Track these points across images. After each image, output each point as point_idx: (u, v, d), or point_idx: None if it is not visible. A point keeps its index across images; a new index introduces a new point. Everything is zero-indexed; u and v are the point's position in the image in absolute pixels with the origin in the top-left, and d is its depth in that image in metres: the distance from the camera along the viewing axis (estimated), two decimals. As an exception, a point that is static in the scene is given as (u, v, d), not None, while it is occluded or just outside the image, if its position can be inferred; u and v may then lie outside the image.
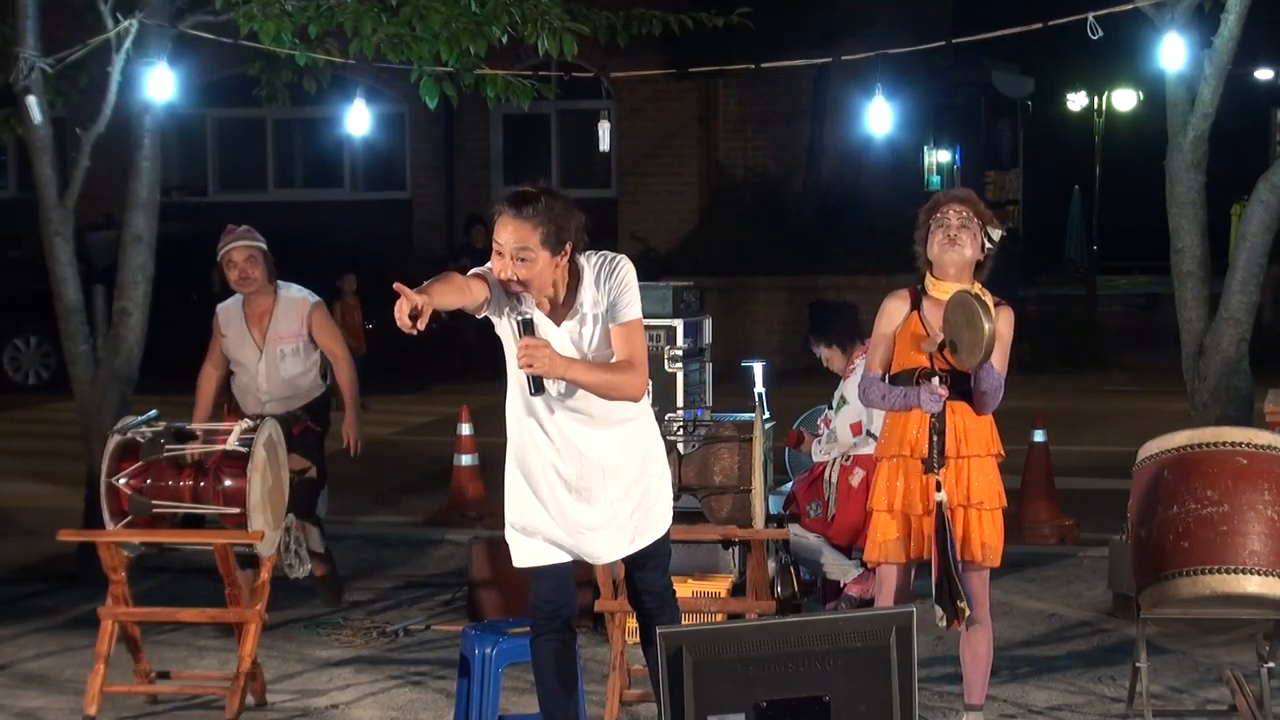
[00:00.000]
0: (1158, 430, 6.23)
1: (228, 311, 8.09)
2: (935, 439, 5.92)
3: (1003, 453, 6.12)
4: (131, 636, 6.81)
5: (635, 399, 5.34)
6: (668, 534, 5.59)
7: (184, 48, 9.43)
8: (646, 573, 5.57)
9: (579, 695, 5.67)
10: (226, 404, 8.13)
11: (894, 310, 6.08)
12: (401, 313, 4.97)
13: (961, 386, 5.95)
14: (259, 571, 6.84)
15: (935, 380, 5.90)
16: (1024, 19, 8.93)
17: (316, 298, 8.21)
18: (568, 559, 5.50)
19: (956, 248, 6.00)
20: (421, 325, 5.00)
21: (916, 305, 6.05)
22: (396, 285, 5.00)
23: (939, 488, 5.92)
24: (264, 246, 8.04)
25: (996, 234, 6.07)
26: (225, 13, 8.61)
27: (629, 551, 5.50)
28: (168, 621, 7.45)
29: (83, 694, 6.67)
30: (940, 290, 6.03)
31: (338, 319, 16.75)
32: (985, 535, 5.99)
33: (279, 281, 8.09)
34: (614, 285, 5.37)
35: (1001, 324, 5.95)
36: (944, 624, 6.01)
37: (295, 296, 8.10)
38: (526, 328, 5.19)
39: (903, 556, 6.02)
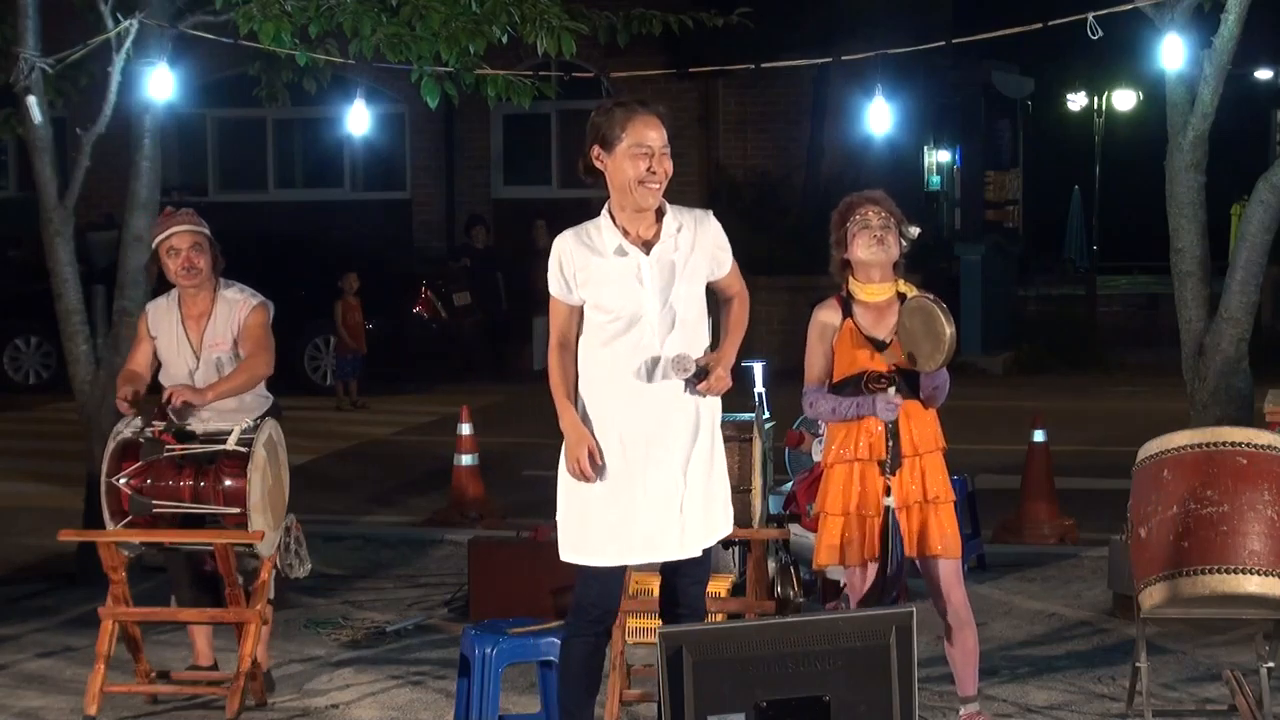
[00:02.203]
0: (1158, 430, 6.23)
1: (159, 310, 6.95)
2: (891, 442, 5.96)
3: (945, 445, 6.14)
4: (132, 636, 6.81)
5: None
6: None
7: (184, 48, 9.43)
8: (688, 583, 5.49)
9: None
10: (156, 411, 6.82)
11: (825, 320, 6.13)
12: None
13: (910, 383, 5.98)
14: (258, 572, 6.84)
15: (892, 390, 5.93)
16: (1024, 19, 8.93)
17: (261, 298, 6.96)
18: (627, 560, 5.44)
19: (883, 248, 6.03)
20: None
21: (848, 312, 6.09)
22: None
23: (888, 492, 5.95)
24: (209, 233, 6.90)
25: (914, 231, 6.10)
26: (225, 13, 8.61)
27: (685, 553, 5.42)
28: (168, 621, 7.45)
29: (83, 694, 6.67)
30: (868, 293, 6.08)
31: (339, 318, 16.83)
32: (944, 527, 6.03)
33: (222, 279, 6.96)
34: (711, 234, 5.43)
35: None
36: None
37: (237, 297, 6.92)
38: (700, 376, 5.28)
39: (859, 559, 6.04)
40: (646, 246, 5.33)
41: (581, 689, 5.47)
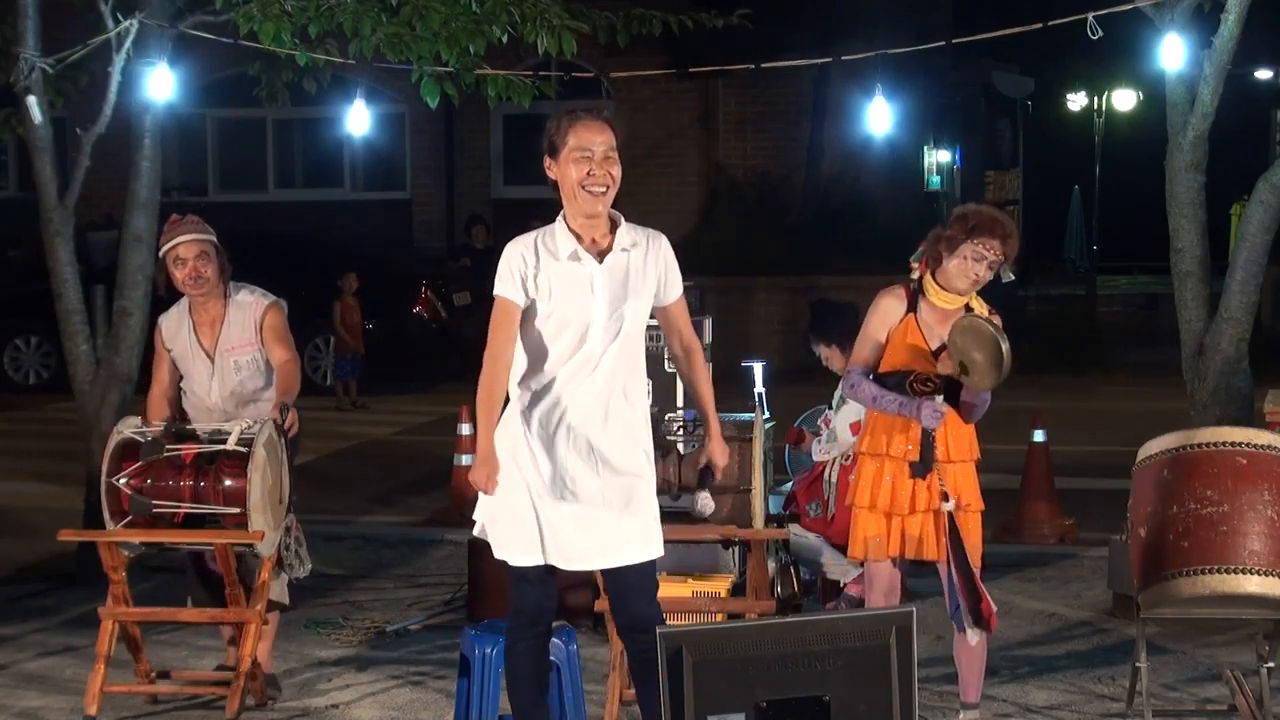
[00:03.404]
0: (1157, 430, 6.23)
1: (170, 321, 6.94)
2: (927, 446, 5.95)
3: (980, 456, 6.14)
4: (132, 636, 6.81)
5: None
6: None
7: (184, 48, 9.43)
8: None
9: (578, 692, 5.65)
10: (177, 418, 6.96)
11: (890, 309, 6.07)
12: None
13: (950, 394, 5.97)
14: (259, 572, 6.83)
15: (940, 398, 5.90)
16: (1024, 19, 8.93)
17: (274, 298, 6.97)
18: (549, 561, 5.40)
19: (975, 284, 6.02)
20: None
21: (913, 306, 6.05)
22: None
23: (945, 498, 5.94)
24: (216, 240, 6.87)
25: (1009, 277, 6.04)
26: (225, 13, 8.61)
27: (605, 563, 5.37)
28: (168, 621, 7.45)
29: (83, 694, 6.67)
30: (942, 299, 6.04)
31: (338, 319, 16.83)
32: (970, 536, 6.05)
33: (231, 283, 6.96)
34: (663, 256, 5.40)
35: None
36: (975, 639, 6.04)
37: (248, 299, 6.91)
38: (704, 480, 5.48)
39: (885, 553, 6.05)
40: (600, 255, 5.32)
41: (533, 688, 5.47)
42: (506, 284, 5.32)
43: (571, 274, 5.29)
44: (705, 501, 5.71)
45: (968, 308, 6.06)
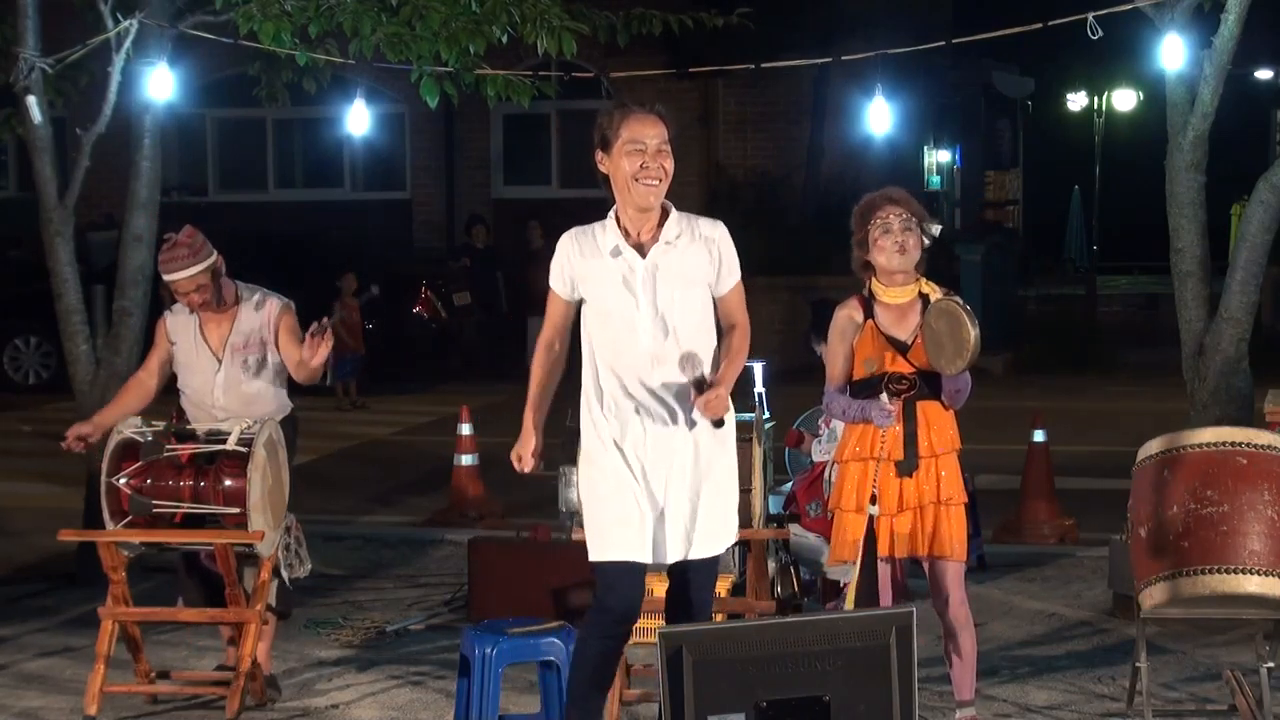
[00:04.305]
0: (1157, 430, 6.23)
1: (179, 317, 6.96)
2: (910, 443, 5.95)
3: (960, 446, 6.13)
4: (132, 636, 6.81)
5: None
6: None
7: (184, 48, 9.43)
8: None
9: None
10: (175, 417, 6.99)
11: (846, 323, 6.11)
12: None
13: (931, 384, 5.97)
14: (258, 571, 6.83)
15: (884, 398, 5.91)
16: (1024, 19, 8.93)
17: (285, 300, 7.04)
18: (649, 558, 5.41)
19: (904, 255, 5.99)
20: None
21: (870, 314, 6.07)
22: None
23: (874, 501, 5.94)
24: (211, 263, 6.79)
25: (935, 228, 6.03)
26: (225, 13, 8.61)
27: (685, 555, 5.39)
28: (168, 621, 7.45)
29: (83, 694, 6.66)
30: (890, 295, 6.06)
31: (336, 319, 16.83)
32: (954, 530, 6.04)
33: (240, 284, 6.99)
34: (719, 244, 5.40)
35: None
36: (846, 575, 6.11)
37: (261, 301, 6.96)
38: (700, 387, 5.25)
39: (886, 553, 6.04)
40: (642, 249, 5.33)
41: (594, 685, 5.45)
42: (554, 277, 5.44)
43: (612, 269, 5.32)
44: (691, 363, 5.46)
45: (923, 296, 6.02)
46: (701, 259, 5.39)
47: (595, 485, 5.40)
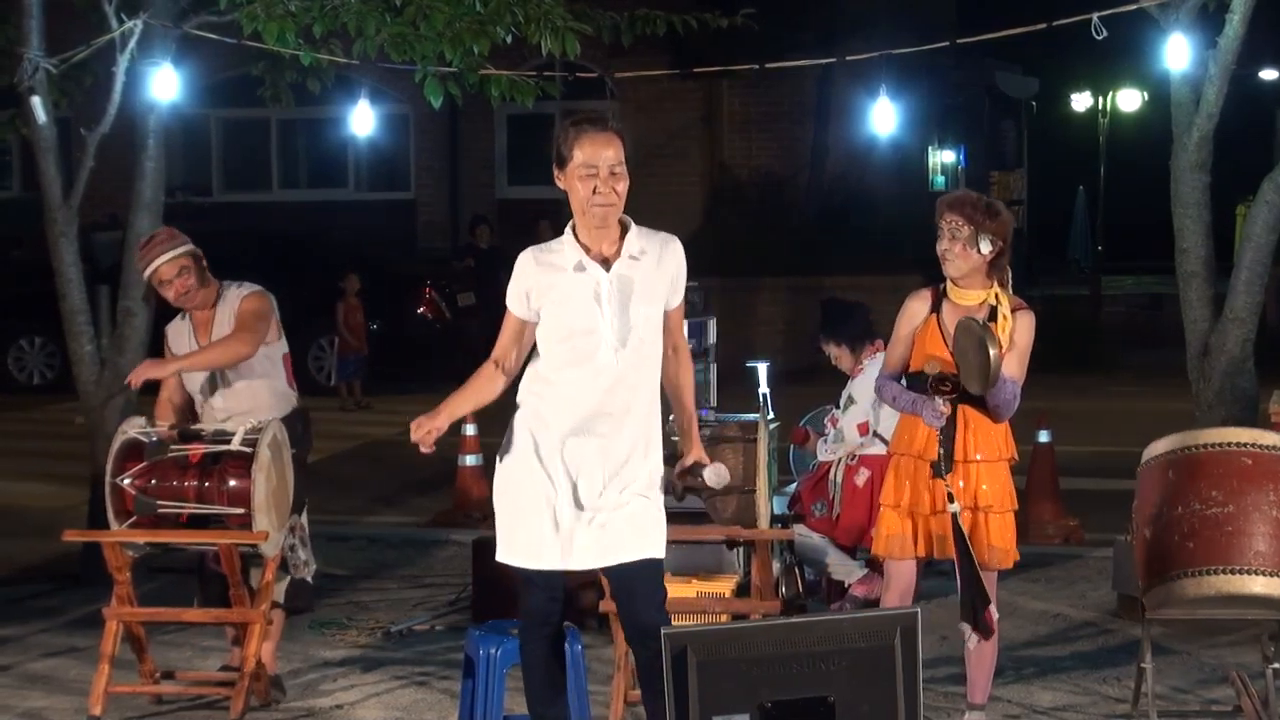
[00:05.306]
0: (1162, 431, 6.22)
1: (175, 329, 7.04)
2: (943, 445, 5.92)
3: (1015, 456, 6.11)
4: (136, 637, 6.81)
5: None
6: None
7: (188, 48, 9.43)
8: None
9: (568, 695, 5.64)
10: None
11: (914, 311, 6.08)
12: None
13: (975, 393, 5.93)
14: (263, 571, 6.83)
15: (939, 400, 5.89)
16: (1028, 19, 8.93)
17: (257, 287, 6.97)
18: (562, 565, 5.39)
19: (950, 262, 5.99)
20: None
21: (936, 307, 6.04)
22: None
23: (951, 499, 5.91)
24: (191, 248, 6.87)
25: (985, 244, 5.96)
26: (229, 13, 8.61)
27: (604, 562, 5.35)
28: (172, 622, 7.45)
29: (88, 694, 6.66)
30: (959, 296, 6.03)
31: (341, 319, 16.84)
32: (993, 539, 6.01)
33: (222, 281, 6.97)
34: (674, 261, 5.38)
35: (1021, 330, 5.95)
36: (972, 642, 6.02)
37: (235, 294, 6.93)
38: (696, 472, 5.41)
39: (909, 553, 6.03)
40: (606, 264, 5.32)
41: (548, 688, 5.49)
42: (512, 298, 5.42)
43: (578, 284, 5.30)
44: (716, 473, 5.55)
45: (991, 306, 5.99)
46: (662, 275, 5.38)
47: (518, 489, 5.35)
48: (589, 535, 5.29)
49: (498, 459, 5.45)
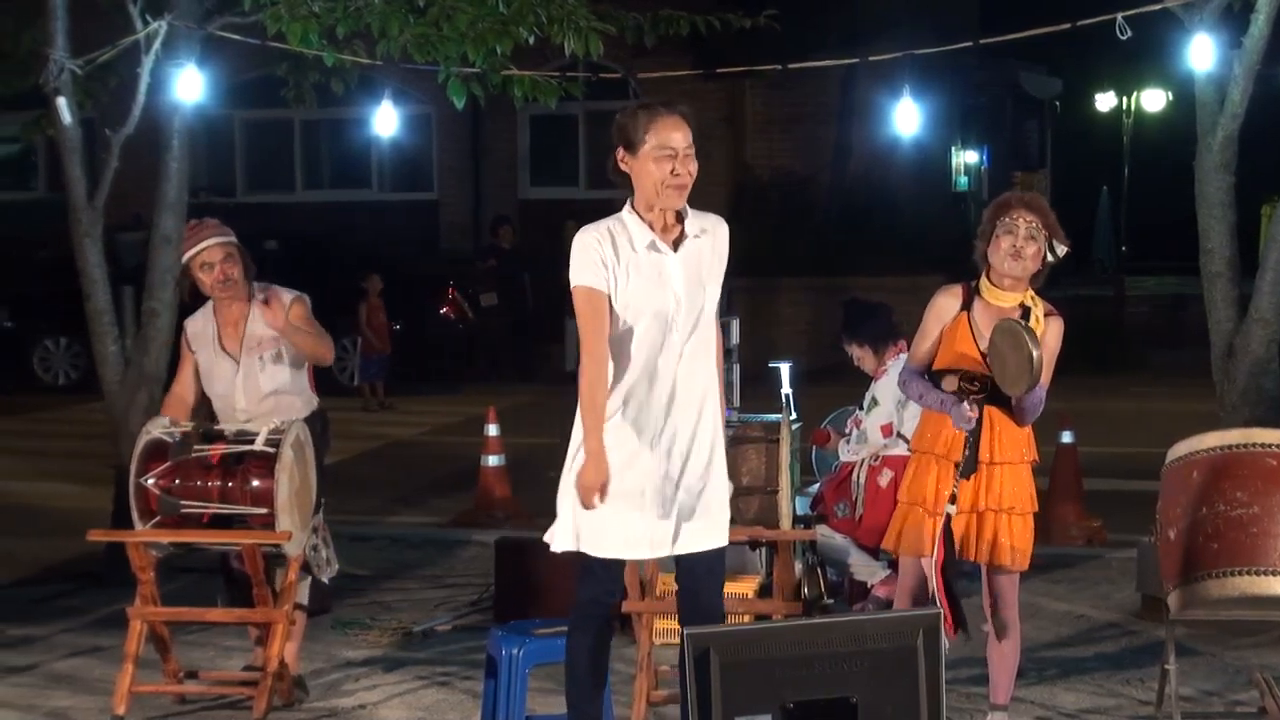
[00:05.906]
0: (1186, 432, 6.20)
1: (196, 325, 7.00)
2: (969, 446, 5.89)
3: (1037, 458, 6.09)
4: (160, 636, 6.82)
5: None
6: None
7: (212, 49, 9.46)
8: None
9: (607, 692, 5.65)
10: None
11: (944, 306, 6.01)
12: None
13: (1001, 394, 5.89)
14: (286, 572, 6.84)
15: (966, 405, 5.85)
16: (1052, 19, 8.90)
17: (296, 292, 6.98)
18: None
19: (1019, 261, 5.88)
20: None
21: (968, 305, 5.98)
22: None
23: (952, 499, 5.89)
24: (234, 239, 6.94)
25: (1062, 250, 5.91)
26: (253, 14, 8.63)
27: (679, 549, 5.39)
28: (196, 622, 7.47)
29: (111, 694, 6.68)
30: (995, 296, 5.94)
31: (363, 320, 16.87)
32: (1015, 540, 5.98)
33: (256, 283, 6.98)
34: (723, 243, 5.39)
35: (1051, 335, 5.90)
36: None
37: (273, 295, 6.94)
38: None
39: (924, 550, 6.02)
40: (674, 245, 5.33)
41: (590, 677, 5.49)
42: (592, 272, 5.25)
43: (651, 264, 5.28)
44: None
45: (1025, 309, 5.96)
46: (717, 256, 5.41)
47: (614, 480, 5.32)
48: (676, 523, 5.32)
49: (573, 447, 5.38)
